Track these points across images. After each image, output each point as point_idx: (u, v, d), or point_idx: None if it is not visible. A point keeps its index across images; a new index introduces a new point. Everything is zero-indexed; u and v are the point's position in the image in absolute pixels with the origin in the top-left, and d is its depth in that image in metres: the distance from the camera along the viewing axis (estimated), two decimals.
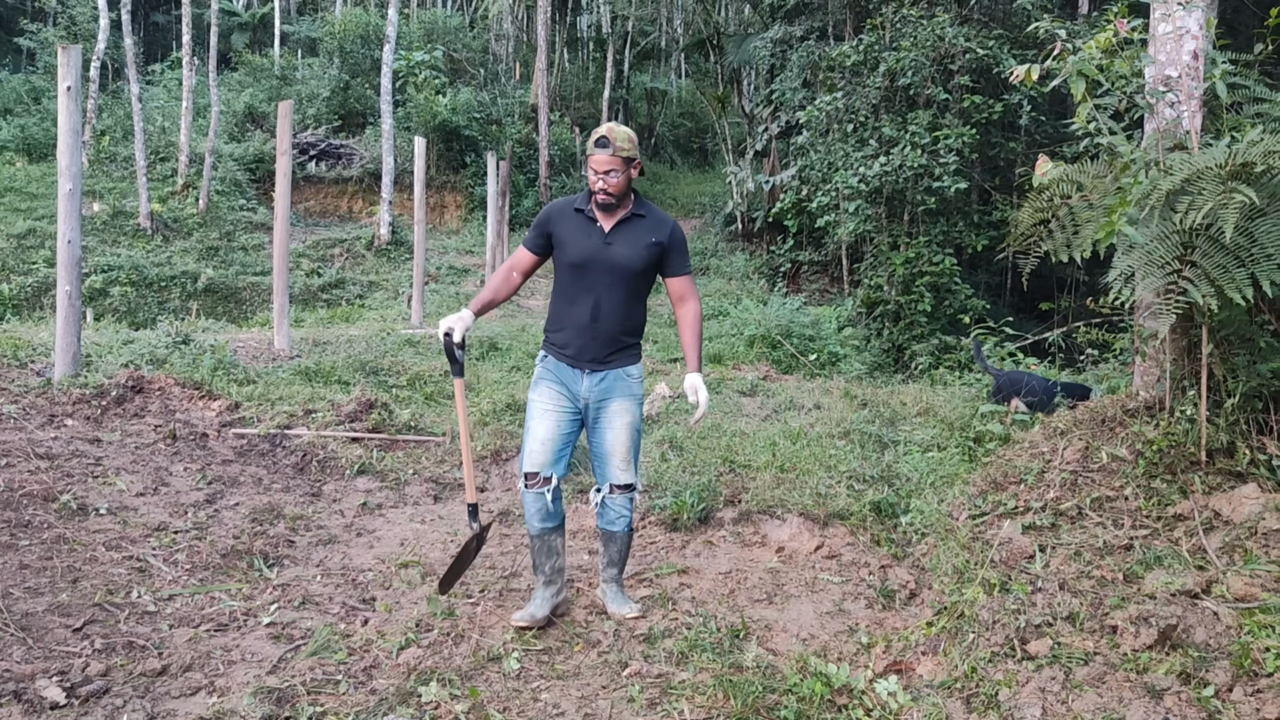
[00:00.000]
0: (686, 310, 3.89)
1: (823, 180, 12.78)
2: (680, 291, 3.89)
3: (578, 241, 3.70)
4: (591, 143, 3.64)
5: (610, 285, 3.71)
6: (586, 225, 3.72)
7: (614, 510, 3.89)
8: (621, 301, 3.74)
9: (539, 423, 3.76)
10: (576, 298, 3.73)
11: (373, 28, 27.82)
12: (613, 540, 3.96)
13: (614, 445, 3.80)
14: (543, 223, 3.80)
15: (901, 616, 4.05)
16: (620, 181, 3.62)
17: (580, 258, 3.69)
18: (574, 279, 3.73)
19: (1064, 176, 4.38)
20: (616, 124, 3.66)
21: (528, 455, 3.76)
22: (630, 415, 3.81)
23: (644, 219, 3.77)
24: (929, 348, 11.00)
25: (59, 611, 3.64)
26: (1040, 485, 4.49)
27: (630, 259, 3.70)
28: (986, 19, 12.41)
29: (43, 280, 15.44)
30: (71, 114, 6.60)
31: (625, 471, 3.84)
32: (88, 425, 5.94)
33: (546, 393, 3.78)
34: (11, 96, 25.08)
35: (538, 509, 3.78)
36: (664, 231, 3.78)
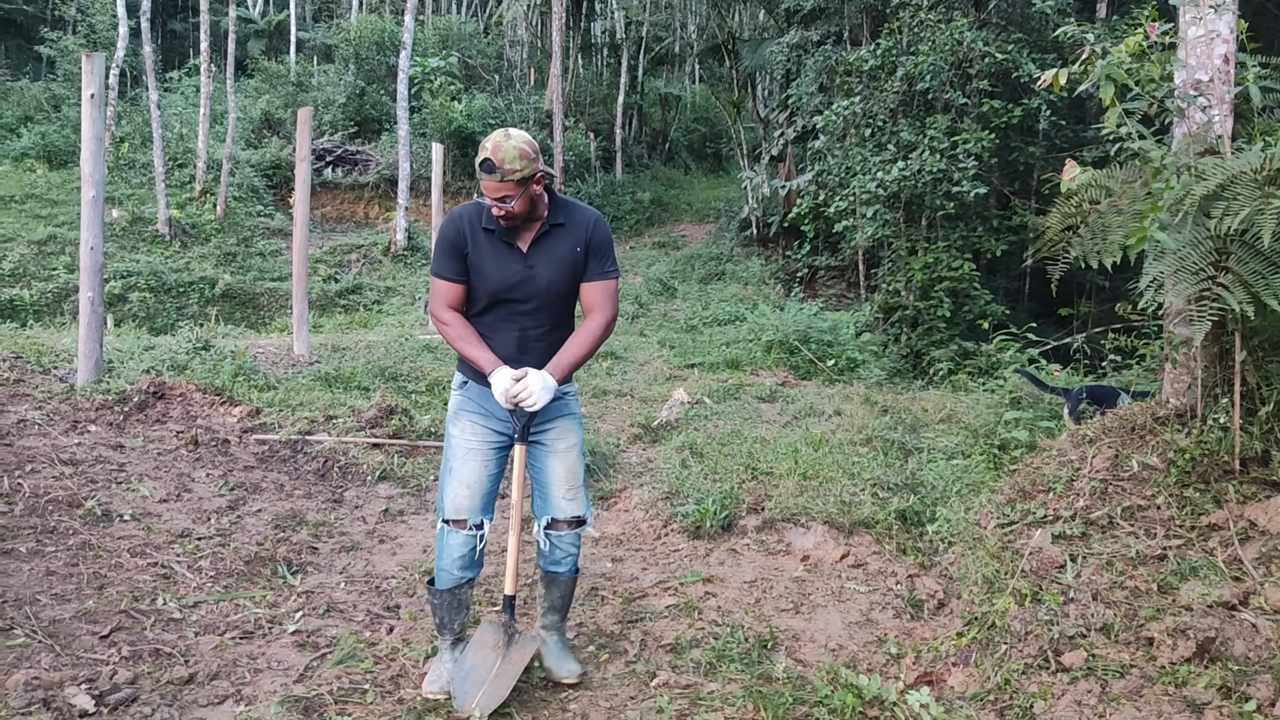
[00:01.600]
0: (591, 320, 3.26)
1: (840, 185, 12.74)
2: (591, 301, 3.28)
3: (495, 268, 3.17)
4: (478, 165, 3.03)
5: (534, 312, 3.22)
6: (501, 248, 3.17)
7: (560, 548, 3.42)
8: (550, 328, 3.26)
9: (464, 464, 3.26)
10: (497, 328, 3.22)
11: (388, 34, 27.93)
12: (555, 584, 3.48)
13: (557, 473, 3.34)
14: (456, 243, 3.17)
15: (930, 626, 4.01)
16: (520, 205, 3.06)
17: (500, 287, 3.17)
18: (492, 307, 3.22)
19: (1092, 181, 4.33)
20: (507, 137, 3.02)
21: (450, 501, 3.26)
22: (574, 437, 3.37)
23: (564, 227, 3.23)
24: (948, 353, 10.94)
25: (86, 618, 3.64)
26: (1070, 494, 4.44)
27: (556, 280, 3.21)
28: (1004, 23, 12.35)
29: (63, 286, 15.53)
30: (95, 121, 6.63)
31: (573, 502, 3.37)
32: (110, 431, 5.96)
33: (470, 427, 3.28)
34: (32, 104, 25.26)
35: (460, 555, 3.28)
36: (583, 234, 3.24)
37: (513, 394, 3.03)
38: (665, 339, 13.23)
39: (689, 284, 18.62)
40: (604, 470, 6.31)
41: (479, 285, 3.20)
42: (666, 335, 13.63)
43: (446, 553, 3.31)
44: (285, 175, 22.74)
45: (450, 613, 3.37)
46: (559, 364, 3.16)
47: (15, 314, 14.55)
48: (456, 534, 3.29)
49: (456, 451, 3.28)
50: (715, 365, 10.95)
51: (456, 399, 3.35)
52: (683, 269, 19.83)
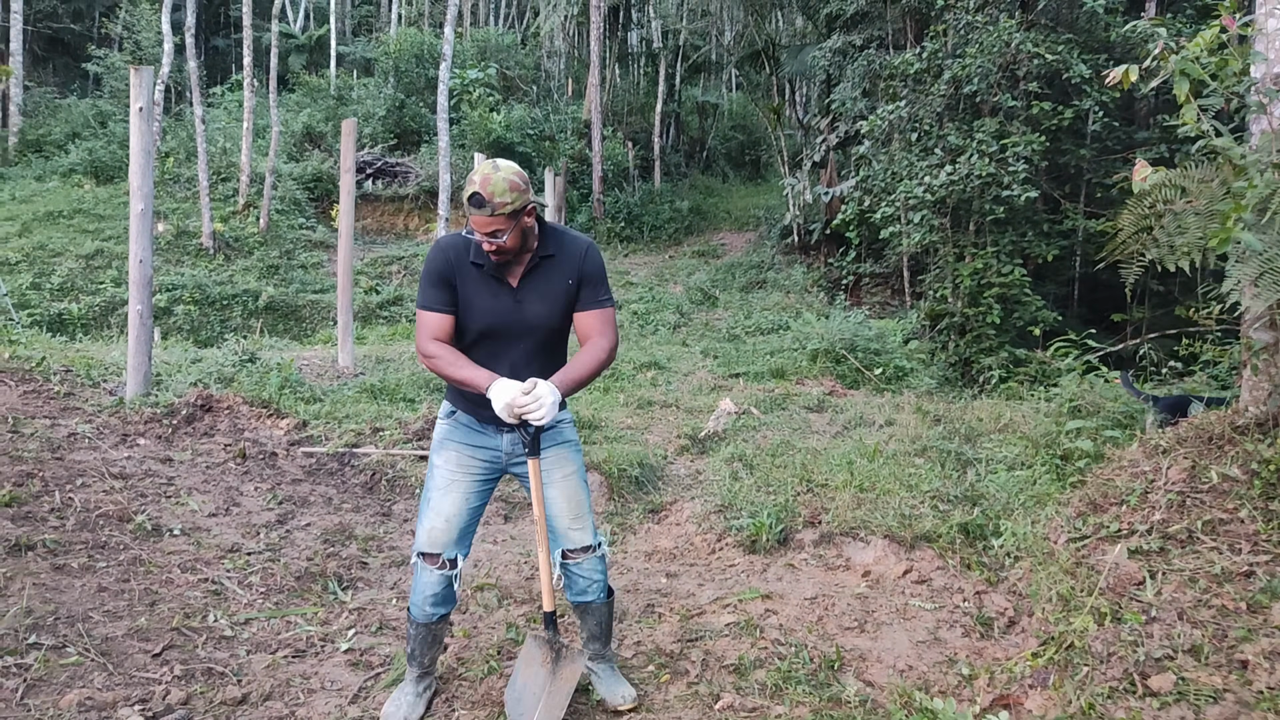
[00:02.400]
0: (592, 345, 3.09)
1: (885, 191, 12.54)
2: (588, 328, 3.12)
3: (484, 304, 3.03)
4: (466, 200, 2.89)
5: (525, 348, 3.09)
6: (490, 283, 3.04)
7: (583, 578, 3.26)
8: (540, 365, 3.10)
9: (443, 496, 3.13)
10: (486, 364, 3.02)
11: (427, 47, 28.12)
12: (589, 612, 3.34)
13: (558, 503, 3.18)
14: (445, 275, 3.02)
15: (1002, 646, 3.85)
16: (512, 239, 2.92)
17: (489, 323, 3.04)
18: (480, 344, 3.08)
19: (1166, 181, 4.16)
20: (495, 169, 2.89)
21: (427, 533, 3.15)
22: (571, 464, 3.21)
23: (554, 259, 3.08)
24: (999, 361, 10.69)
25: (138, 636, 3.59)
26: (1144, 507, 4.26)
27: (546, 315, 3.07)
28: (1053, 24, 12.10)
29: (110, 299, 15.73)
30: (143, 134, 6.65)
31: (582, 530, 3.22)
32: (159, 445, 5.95)
33: (454, 457, 3.15)
34: (80, 120, 25.71)
35: (434, 593, 3.18)
36: (575, 266, 3.09)
37: (519, 405, 2.83)
38: (708, 348, 13.10)
39: (730, 293, 18.48)
40: (652, 482, 6.20)
41: (468, 321, 3.05)
42: (709, 345, 13.50)
43: (419, 589, 3.20)
44: (327, 188, 22.93)
45: (423, 645, 3.26)
46: (564, 378, 2.97)
47: (64, 327, 14.75)
48: (430, 571, 3.16)
49: (438, 482, 3.15)
50: (760, 374, 10.80)
51: (443, 428, 3.21)
52: (723, 277, 19.69)
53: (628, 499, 5.82)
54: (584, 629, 3.37)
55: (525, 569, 4.68)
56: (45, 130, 25.00)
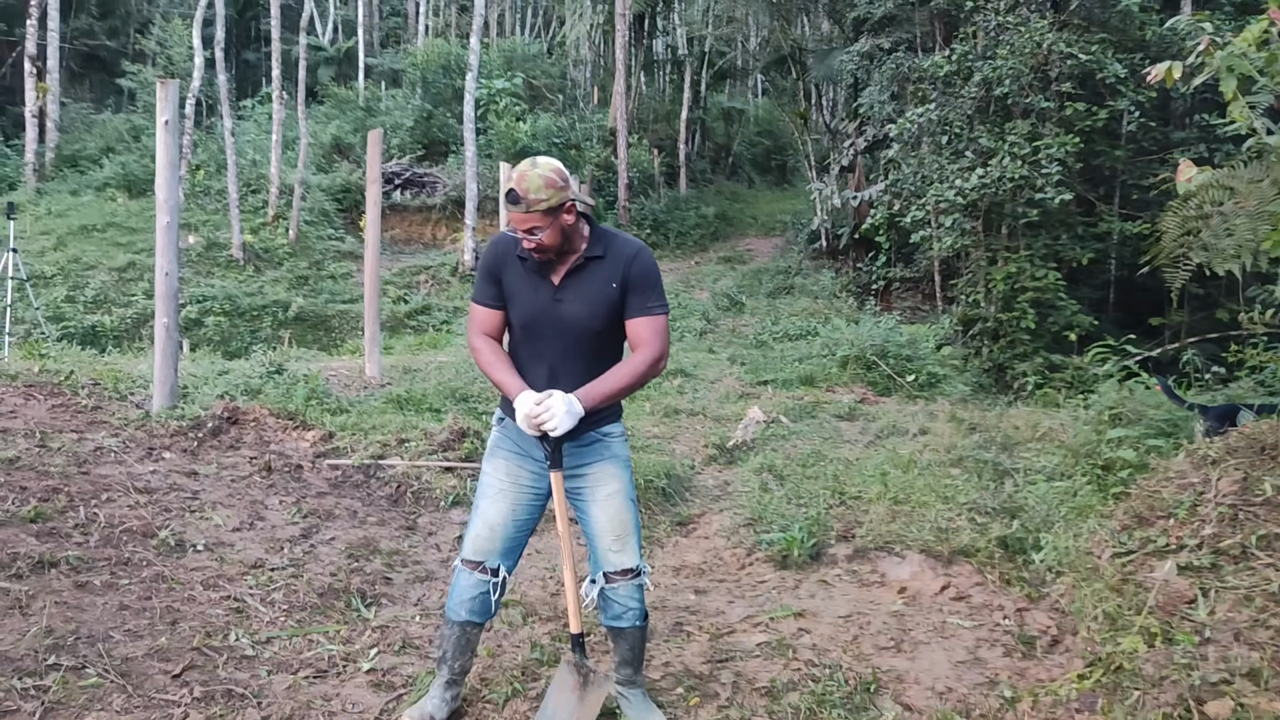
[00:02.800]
0: (637, 355, 2.99)
1: (915, 194, 12.37)
2: (636, 337, 3.00)
3: (524, 297, 2.98)
4: (503, 196, 2.88)
5: (565, 349, 2.98)
6: (532, 278, 2.99)
7: (619, 603, 3.13)
8: (584, 368, 2.97)
9: (490, 504, 3.07)
10: (529, 363, 3.01)
11: (454, 57, 28.25)
12: (621, 637, 3.20)
13: (599, 521, 3.07)
14: (494, 269, 3.02)
15: (1045, 667, 3.70)
16: (550, 237, 2.86)
17: (527, 317, 2.99)
18: (523, 340, 3.04)
19: (1213, 181, 4.02)
20: (533, 166, 2.84)
21: (471, 540, 3.08)
22: (618, 482, 3.07)
23: (602, 260, 2.98)
24: (1034, 366, 10.50)
25: (158, 656, 3.53)
26: (1194, 520, 4.09)
27: (584, 317, 2.96)
28: (1086, 23, 11.89)
29: (141, 312, 15.86)
30: (169, 147, 6.64)
31: (622, 553, 3.08)
32: (185, 458, 5.91)
33: (503, 465, 3.08)
34: (114, 135, 26.05)
35: (472, 598, 3.08)
36: (621, 269, 2.97)
37: (533, 415, 2.80)
38: (735, 355, 12.98)
39: (757, 298, 18.34)
40: (679, 494, 6.09)
41: (512, 315, 3.04)
42: (736, 351, 13.37)
43: (457, 592, 3.14)
44: (355, 199, 23.05)
45: (456, 648, 3.18)
46: (590, 391, 2.87)
47: (97, 340, 14.88)
48: (469, 574, 3.09)
49: (486, 490, 3.10)
50: (789, 382, 10.66)
51: (494, 435, 3.15)
52: (750, 283, 19.55)
53: (654, 511, 5.71)
54: (616, 653, 3.26)
55: (551, 584, 4.59)
56: (81, 145, 25.37)
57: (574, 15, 30.89)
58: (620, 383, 2.93)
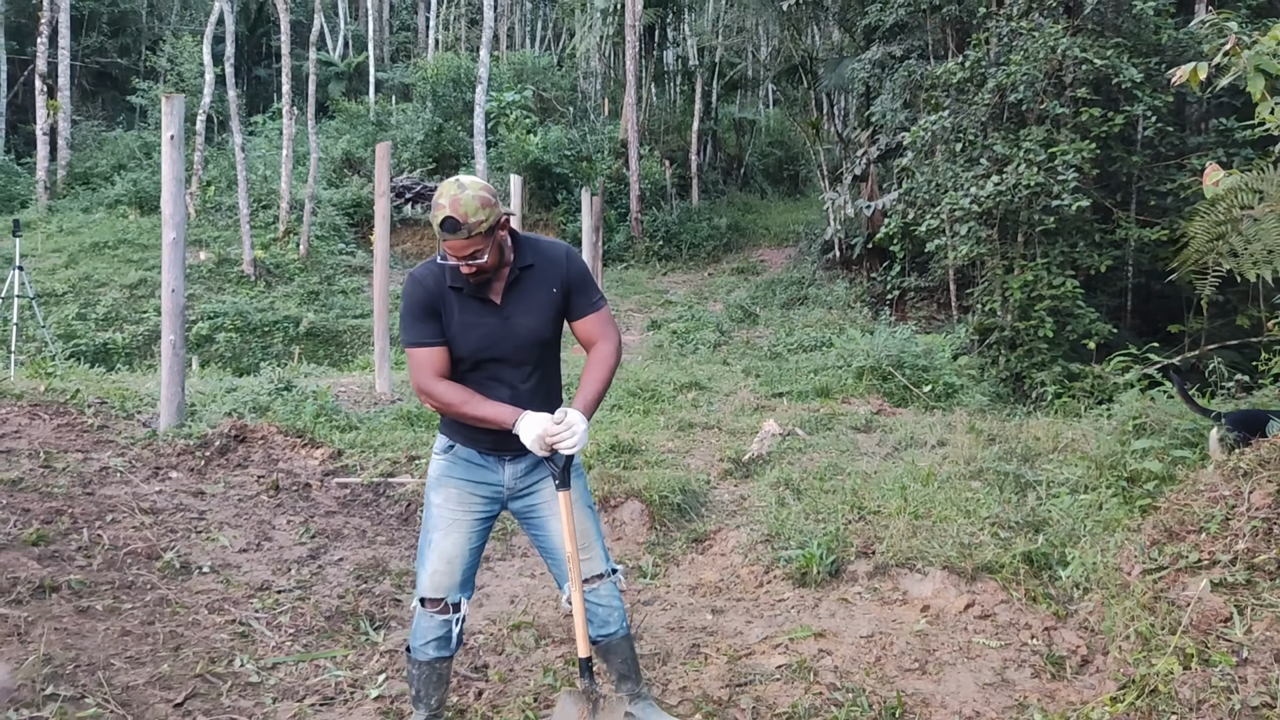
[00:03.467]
0: (600, 349, 3.01)
1: (930, 203, 12.24)
2: (590, 334, 3.03)
3: (471, 328, 2.89)
4: (438, 226, 2.76)
5: (520, 365, 2.94)
6: (473, 305, 2.90)
7: (602, 607, 3.11)
8: (538, 380, 2.99)
9: (445, 536, 2.97)
10: (484, 392, 2.90)
11: (464, 71, 28.28)
12: (612, 650, 3.17)
13: (562, 534, 2.99)
14: (430, 305, 2.87)
15: (1076, 688, 3.57)
16: (491, 257, 2.80)
17: (479, 343, 2.89)
18: (476, 370, 2.93)
19: (1242, 185, 3.89)
20: (462, 189, 2.75)
21: (430, 577, 2.98)
22: (575, 491, 3.02)
23: (534, 269, 2.95)
24: (1053, 375, 10.33)
25: (160, 684, 3.43)
26: (1226, 535, 3.95)
27: (536, 327, 2.94)
28: (1100, 28, 11.76)
29: (153, 329, 15.83)
30: (175, 163, 6.59)
31: (591, 560, 3.06)
32: (191, 477, 5.84)
33: (455, 495, 2.98)
34: (125, 152, 26.14)
35: (437, 638, 3.03)
36: (558, 271, 2.97)
37: (551, 435, 2.74)
38: (749, 367, 12.83)
39: (771, 309, 18.21)
40: (695, 509, 5.97)
41: (458, 349, 2.91)
42: (751, 363, 13.23)
43: (420, 633, 3.06)
44: (366, 213, 23.05)
45: (428, 686, 3.12)
46: (588, 401, 2.91)
47: (108, 357, 14.87)
48: (431, 617, 3.02)
49: (438, 522, 2.99)
50: (804, 393, 10.51)
51: (440, 464, 3.03)
52: (763, 294, 19.43)
53: (669, 527, 5.59)
54: (612, 670, 3.22)
55: (564, 605, 4.47)
56: (92, 163, 25.46)
57: (584, 27, 30.90)
58: (603, 383, 2.97)
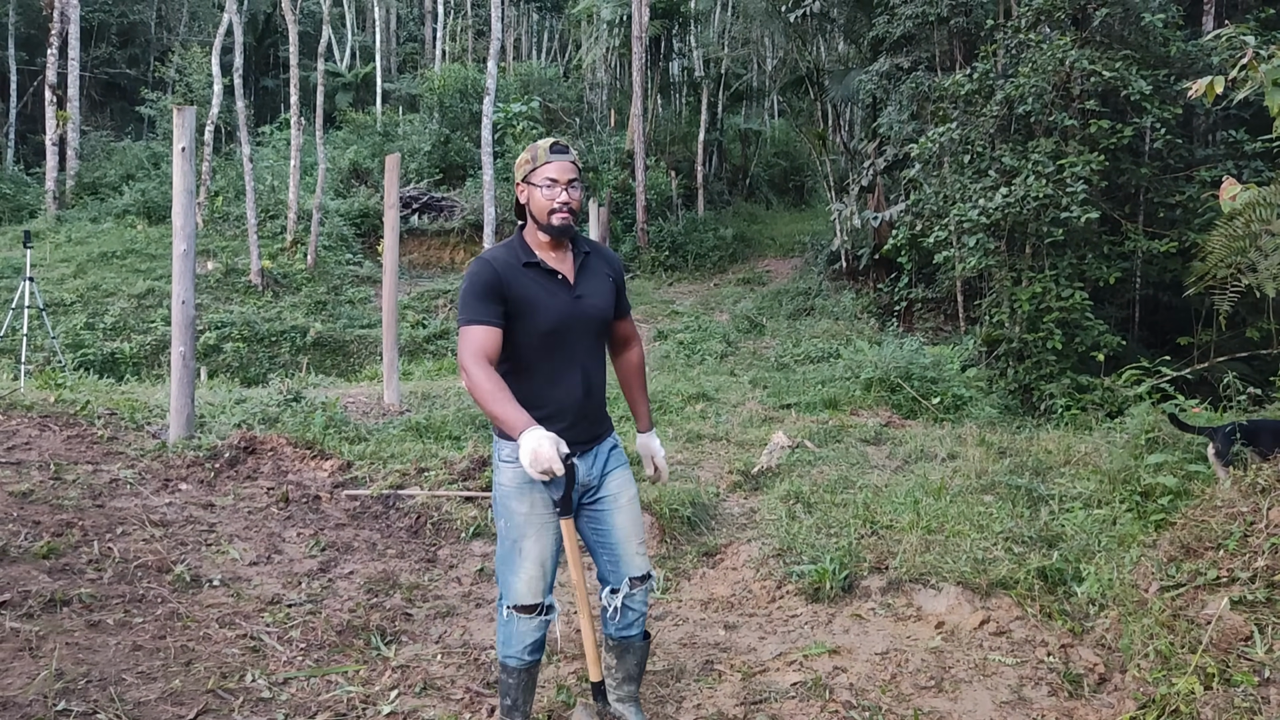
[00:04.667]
0: (634, 355, 3.26)
1: (937, 214, 12.22)
2: (626, 335, 3.25)
3: (545, 303, 2.88)
4: (546, 150, 2.86)
5: (590, 347, 2.99)
6: (547, 281, 2.91)
7: (634, 609, 3.15)
8: (601, 362, 3.06)
9: (536, 542, 2.93)
10: (558, 373, 2.92)
11: (471, 82, 28.37)
12: (630, 650, 3.21)
13: (626, 528, 3.07)
14: (494, 286, 2.82)
15: (1094, 707, 3.54)
16: (580, 196, 2.92)
17: (554, 322, 2.88)
18: (549, 349, 2.90)
19: (1259, 200, 3.87)
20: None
21: (526, 584, 2.95)
22: (633, 486, 3.12)
23: (591, 255, 3.06)
24: (1061, 388, 10.29)
25: (171, 699, 3.41)
26: (1245, 551, 3.92)
27: (602, 309, 3.02)
28: (1108, 40, 11.75)
29: (160, 339, 15.86)
30: (186, 174, 6.60)
31: (643, 556, 3.12)
32: (201, 489, 5.82)
33: (539, 499, 2.90)
34: (134, 162, 26.23)
35: (532, 642, 3.04)
36: (613, 264, 3.13)
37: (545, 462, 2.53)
38: (757, 378, 12.81)
39: (777, 320, 18.19)
40: (705, 523, 5.94)
41: (530, 327, 2.86)
42: (758, 374, 13.21)
43: (516, 640, 3.05)
44: (373, 224, 23.09)
45: (525, 693, 3.13)
46: (644, 413, 3.30)
47: (116, 367, 14.87)
48: (528, 620, 3.01)
49: (527, 529, 2.92)
50: (812, 405, 10.49)
51: (517, 472, 2.89)
52: (770, 305, 19.41)
53: (680, 541, 5.56)
54: (621, 668, 3.23)
55: (574, 619, 4.45)
56: (101, 173, 25.54)
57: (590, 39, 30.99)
58: (647, 394, 3.31)
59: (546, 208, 2.86)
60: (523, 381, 2.89)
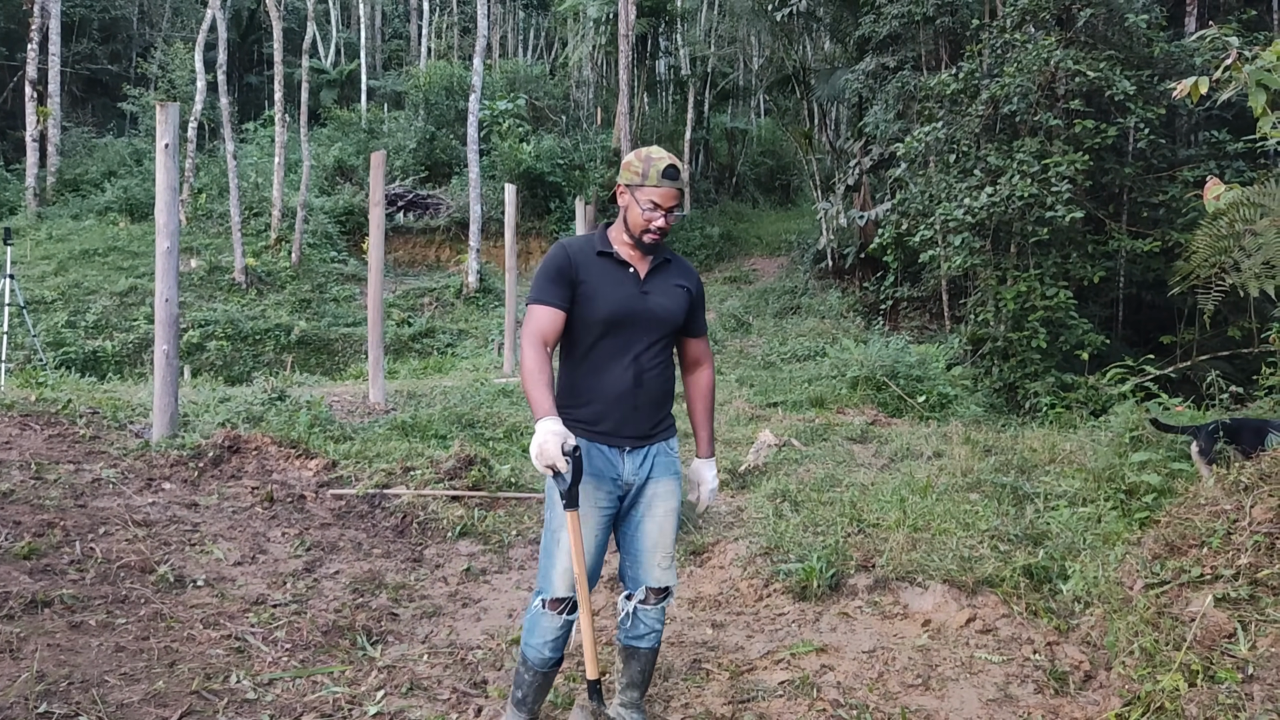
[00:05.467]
0: (703, 377, 3.25)
1: (923, 214, 12.26)
2: (698, 355, 3.24)
3: (611, 291, 2.94)
4: (658, 174, 2.90)
5: (649, 343, 2.99)
6: (617, 271, 2.98)
7: (646, 622, 3.12)
8: (662, 362, 3.04)
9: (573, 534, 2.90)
10: (609, 361, 2.95)
11: (457, 79, 28.29)
12: (636, 657, 3.18)
13: (657, 538, 3.04)
14: (564, 270, 2.92)
15: (1080, 704, 3.55)
16: (677, 218, 3.02)
17: (614, 310, 2.92)
18: (606, 337, 2.95)
19: (1243, 200, 3.89)
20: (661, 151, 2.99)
21: (561, 575, 2.93)
22: (675, 499, 3.07)
23: (671, 264, 3.11)
24: (1046, 386, 10.34)
25: (155, 701, 3.38)
26: (1228, 549, 3.94)
27: (670, 310, 3.02)
28: (1092, 40, 11.81)
29: (143, 337, 15.76)
30: (169, 171, 6.55)
31: (668, 570, 3.08)
32: (185, 489, 5.78)
33: (582, 491, 2.89)
34: (116, 159, 26.05)
35: (555, 639, 3.02)
36: (692, 279, 3.15)
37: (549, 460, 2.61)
38: (744, 376, 12.83)
39: (764, 319, 18.23)
40: (692, 520, 5.94)
41: (591, 312, 2.93)
42: (745, 373, 13.23)
43: (539, 634, 3.03)
44: (358, 221, 23.00)
45: (538, 692, 3.13)
46: (706, 437, 3.25)
47: (98, 365, 14.77)
48: (553, 615, 2.99)
49: (565, 518, 2.87)
50: (799, 404, 10.53)
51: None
52: (756, 303, 19.44)
53: None
54: (626, 673, 3.22)
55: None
56: (82, 170, 25.36)
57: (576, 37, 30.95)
58: (712, 411, 3.27)
59: (642, 226, 2.95)
60: (577, 366, 2.99)
